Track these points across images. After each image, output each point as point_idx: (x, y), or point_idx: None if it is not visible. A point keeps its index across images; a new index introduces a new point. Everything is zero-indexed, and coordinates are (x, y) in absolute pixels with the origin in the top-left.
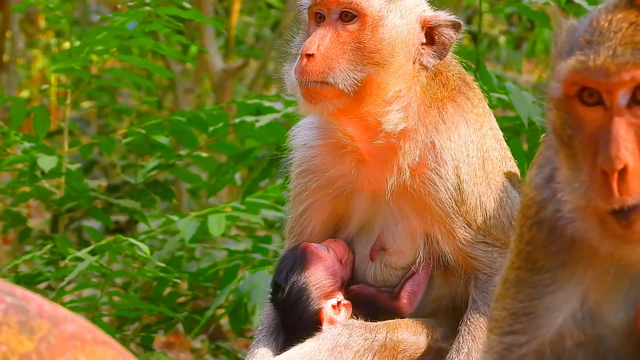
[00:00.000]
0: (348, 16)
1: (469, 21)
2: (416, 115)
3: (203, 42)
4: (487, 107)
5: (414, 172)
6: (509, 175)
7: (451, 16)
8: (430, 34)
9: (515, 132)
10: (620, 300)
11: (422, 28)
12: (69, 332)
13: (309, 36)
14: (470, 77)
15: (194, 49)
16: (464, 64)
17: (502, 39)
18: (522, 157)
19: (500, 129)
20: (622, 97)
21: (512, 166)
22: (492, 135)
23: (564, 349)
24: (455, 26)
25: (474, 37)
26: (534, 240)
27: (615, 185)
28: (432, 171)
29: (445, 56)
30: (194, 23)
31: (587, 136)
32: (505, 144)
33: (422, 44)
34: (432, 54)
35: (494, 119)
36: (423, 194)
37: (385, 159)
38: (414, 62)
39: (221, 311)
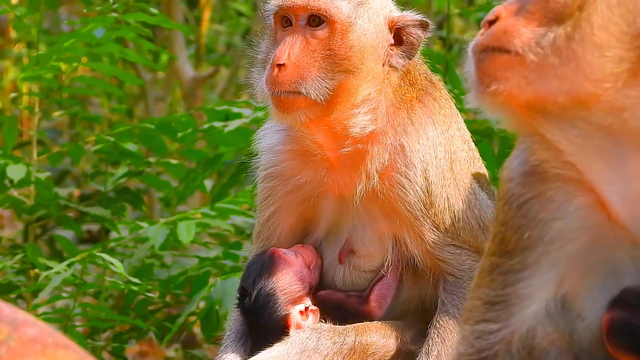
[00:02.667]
0: (316, 21)
1: (439, 26)
2: (385, 117)
3: (173, 50)
4: (454, 107)
5: (382, 176)
6: (477, 176)
7: (418, 15)
8: (398, 34)
9: (485, 135)
10: (596, 288)
11: (390, 29)
12: (29, 336)
13: (276, 42)
14: (436, 77)
15: (164, 57)
16: (430, 65)
17: None
18: (492, 160)
19: (471, 131)
20: None
21: (480, 167)
22: (459, 136)
23: (535, 345)
24: (423, 25)
25: (443, 41)
26: (505, 219)
27: None
28: (401, 175)
29: (413, 56)
30: (164, 32)
31: None
32: (473, 144)
33: (391, 45)
34: (401, 54)
35: (461, 119)
36: (392, 198)
37: (353, 164)
38: (383, 64)
39: (193, 318)
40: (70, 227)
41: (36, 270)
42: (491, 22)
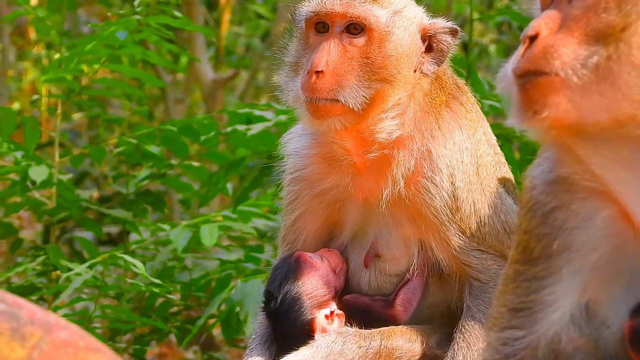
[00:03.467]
0: (354, 29)
1: None
2: (412, 122)
3: (194, 52)
4: (480, 111)
5: (409, 181)
6: (503, 181)
7: (448, 22)
8: (429, 41)
9: (507, 139)
10: (619, 295)
11: (422, 37)
12: (61, 339)
13: (308, 47)
14: (461, 81)
15: (184, 60)
16: (455, 70)
17: (492, 48)
18: (515, 164)
19: None
20: None
21: (506, 171)
22: (485, 140)
23: (561, 350)
24: (453, 32)
25: (465, 45)
26: (528, 227)
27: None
28: (427, 180)
29: (443, 62)
30: (184, 34)
31: None
32: (498, 149)
33: (422, 52)
34: (431, 61)
35: (487, 123)
36: (418, 202)
37: (379, 170)
38: (414, 71)
39: (213, 321)
40: (91, 229)
41: (57, 272)
42: (531, 38)
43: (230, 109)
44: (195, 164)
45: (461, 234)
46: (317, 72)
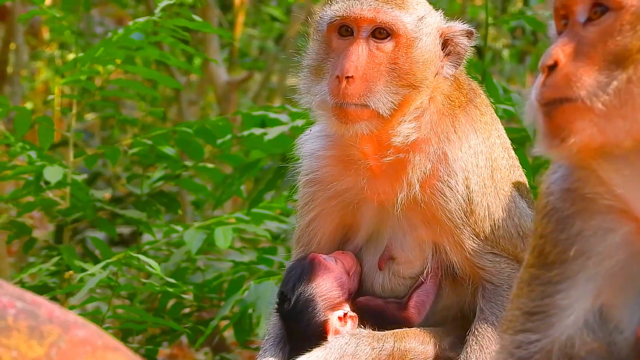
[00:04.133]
0: (381, 34)
1: None
2: (429, 125)
3: (208, 54)
4: (494, 114)
5: (424, 184)
6: (517, 185)
7: (465, 25)
8: (447, 44)
9: (520, 143)
10: (633, 301)
11: (442, 40)
12: (79, 338)
13: (332, 51)
14: (475, 84)
15: (197, 61)
16: (469, 74)
17: (505, 53)
18: (529, 168)
19: None
20: None
21: (520, 175)
22: (500, 143)
23: (574, 354)
24: (469, 34)
25: (478, 49)
26: (544, 232)
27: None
28: (443, 183)
29: (460, 65)
30: (198, 36)
31: None
32: (512, 152)
33: (442, 56)
34: (450, 64)
35: (501, 126)
36: (432, 206)
37: (395, 173)
38: (435, 75)
39: (225, 323)
40: (105, 230)
41: (70, 272)
42: (550, 67)
43: (244, 111)
44: (210, 165)
45: (475, 237)
46: (347, 77)
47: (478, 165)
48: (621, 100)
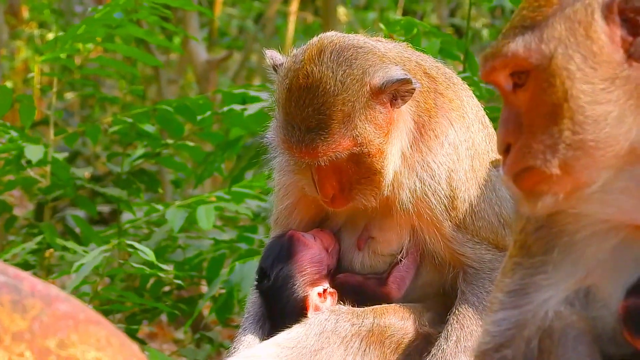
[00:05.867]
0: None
1: (452, 14)
2: (411, 138)
3: (187, 33)
4: (458, 87)
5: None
6: (495, 164)
7: (401, 73)
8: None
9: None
10: (622, 282)
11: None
12: (61, 312)
13: None
14: (435, 69)
15: (177, 41)
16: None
17: (485, 32)
18: None
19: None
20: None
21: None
22: (475, 118)
23: (554, 327)
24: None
25: (457, 29)
26: (525, 228)
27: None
28: (428, 188)
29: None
30: (178, 14)
31: None
32: (486, 119)
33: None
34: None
35: (476, 101)
36: (416, 207)
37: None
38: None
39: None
40: (85, 208)
41: (51, 250)
42: (506, 150)
43: (224, 90)
44: (191, 143)
45: (456, 228)
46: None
47: (459, 159)
48: (575, 152)
